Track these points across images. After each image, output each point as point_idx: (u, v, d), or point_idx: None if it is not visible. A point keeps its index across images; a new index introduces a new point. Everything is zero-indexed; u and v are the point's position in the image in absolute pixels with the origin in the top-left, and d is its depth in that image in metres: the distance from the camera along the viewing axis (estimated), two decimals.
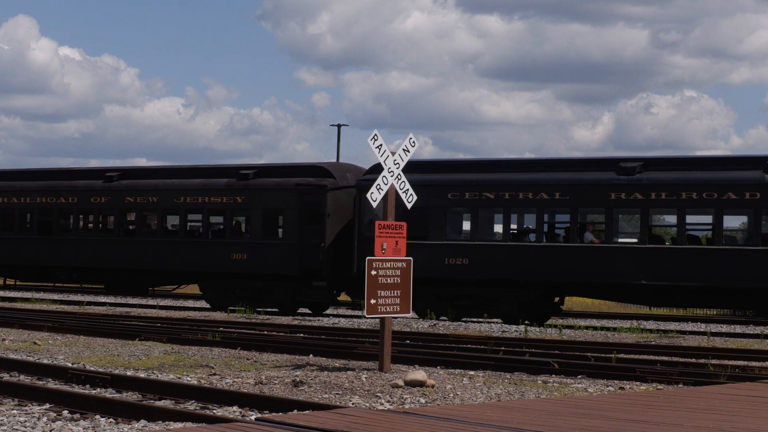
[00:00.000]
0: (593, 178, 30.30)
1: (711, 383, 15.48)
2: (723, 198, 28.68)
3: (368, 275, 16.87)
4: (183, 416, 11.87)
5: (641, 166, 29.86)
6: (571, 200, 30.45)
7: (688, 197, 29.08)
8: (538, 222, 31.03)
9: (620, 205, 30.02)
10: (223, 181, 35.84)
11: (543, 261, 30.43)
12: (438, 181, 31.92)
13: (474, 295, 31.47)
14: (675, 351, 22.01)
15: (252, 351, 20.72)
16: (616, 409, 10.34)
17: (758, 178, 28.42)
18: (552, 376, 17.55)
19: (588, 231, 30.62)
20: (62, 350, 20.57)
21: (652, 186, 29.49)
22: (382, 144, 17.38)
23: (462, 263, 31.25)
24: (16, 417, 12.22)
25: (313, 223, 33.65)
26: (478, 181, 31.59)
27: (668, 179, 29.39)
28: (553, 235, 31.63)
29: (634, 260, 29.49)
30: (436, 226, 31.91)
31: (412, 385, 15.22)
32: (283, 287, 34.39)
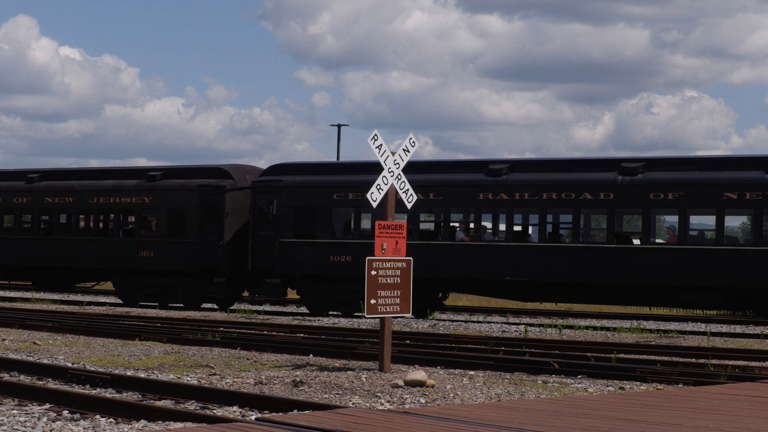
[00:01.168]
0: (464, 179, 31.88)
1: (711, 383, 15.48)
2: (580, 198, 30.36)
3: (368, 275, 16.87)
4: (183, 416, 11.87)
5: (508, 168, 31.56)
6: (444, 200, 31.99)
7: (548, 197, 30.67)
8: (414, 220, 32.46)
9: (488, 205, 31.53)
10: (133, 182, 37.67)
11: (418, 258, 31.09)
12: (324, 183, 33.68)
13: (357, 291, 31.68)
14: (675, 351, 22.01)
15: (252, 351, 20.72)
16: (616, 409, 10.35)
17: (611, 179, 30.12)
18: (552, 376, 17.55)
19: (459, 229, 32.03)
20: (62, 350, 20.57)
21: (517, 186, 31.09)
22: (382, 144, 17.39)
23: (345, 261, 32.75)
24: (16, 417, 12.22)
25: (213, 222, 35.37)
26: (361, 182, 31.97)
27: (532, 180, 31.01)
28: (427, 233, 32.93)
29: (499, 258, 31.01)
30: (322, 225, 33.61)
31: (412, 385, 15.22)
32: (186, 283, 36.11)
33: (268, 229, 34.24)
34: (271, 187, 34.46)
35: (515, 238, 31.62)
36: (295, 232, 33.92)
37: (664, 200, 29.69)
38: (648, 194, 29.85)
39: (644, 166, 30.27)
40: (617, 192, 30.07)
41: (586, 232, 31.20)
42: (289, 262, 33.86)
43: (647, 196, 29.84)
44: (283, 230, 33.97)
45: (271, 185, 34.47)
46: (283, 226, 34.01)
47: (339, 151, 76.63)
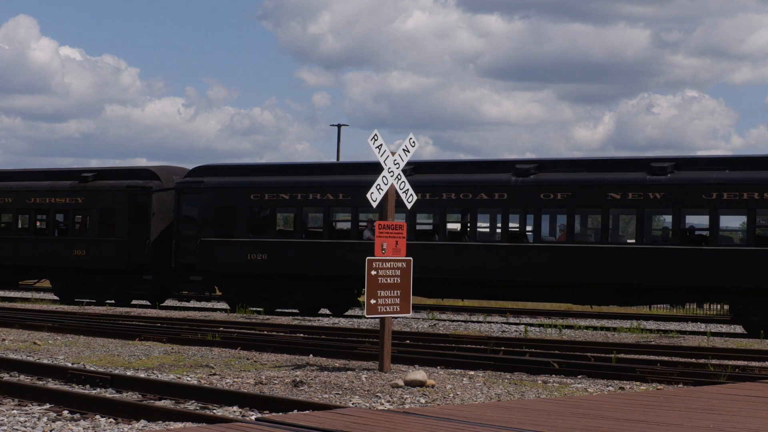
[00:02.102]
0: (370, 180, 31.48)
1: (711, 383, 15.48)
2: (476, 198, 31.77)
3: (368, 275, 16.87)
4: (183, 416, 11.87)
5: (411, 170, 32.03)
6: (352, 200, 33.02)
7: (448, 197, 31.92)
8: (325, 221, 34.03)
9: None
10: (67, 183, 38.89)
11: (328, 256, 33.23)
12: (242, 184, 35.08)
13: (274, 288, 34.39)
14: (675, 351, 22.01)
15: (252, 351, 20.71)
16: (616, 409, 10.35)
17: (506, 180, 31.41)
18: (552, 376, 17.55)
19: (367, 228, 32.94)
20: (62, 350, 20.57)
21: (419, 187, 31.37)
22: (382, 144, 17.39)
23: (261, 259, 34.13)
24: (16, 417, 12.22)
25: (140, 221, 36.91)
26: (276, 183, 34.52)
27: (432, 181, 32.18)
28: (338, 232, 34.22)
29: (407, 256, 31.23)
30: (240, 225, 34.93)
31: (412, 385, 15.22)
32: (116, 280, 37.57)
33: (191, 228, 35.62)
34: (194, 188, 35.77)
35: (420, 237, 32.59)
36: (215, 232, 35.27)
37: (553, 200, 30.79)
38: (539, 194, 30.89)
39: (536, 167, 31.44)
40: (510, 192, 31.19)
41: (480, 230, 32.48)
42: (209, 261, 35.13)
43: (538, 196, 30.89)
44: (205, 229, 35.25)
45: (194, 186, 35.77)
46: (204, 225, 35.28)
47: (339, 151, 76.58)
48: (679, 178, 29.59)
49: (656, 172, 29.73)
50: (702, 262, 28.89)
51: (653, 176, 29.68)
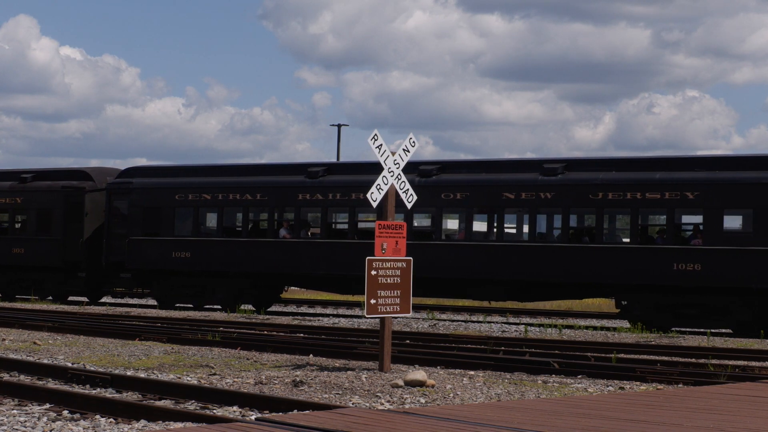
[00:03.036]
0: (286, 181, 34.70)
1: (711, 383, 15.48)
2: None
3: (368, 275, 16.86)
4: (183, 416, 11.87)
5: (324, 170, 34.40)
6: (270, 200, 34.82)
7: (356, 197, 32.89)
8: (244, 220, 35.57)
9: (307, 205, 34.46)
10: (7, 183, 40.45)
11: (247, 254, 34.78)
12: (168, 185, 36.63)
13: (198, 285, 36.07)
14: (675, 351, 22.02)
15: (252, 351, 20.71)
16: (616, 409, 10.35)
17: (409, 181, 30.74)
18: (552, 376, 17.55)
19: (283, 228, 34.59)
20: (62, 350, 20.57)
21: (330, 188, 33.87)
22: (382, 144, 17.39)
23: (185, 257, 35.71)
24: (16, 417, 12.22)
25: (74, 221, 38.41)
26: (199, 184, 36.11)
27: (343, 181, 33.68)
28: (257, 231, 35.56)
29: (314, 253, 33.83)
30: (166, 224, 36.47)
31: (412, 385, 15.22)
32: (52, 278, 39.12)
33: (121, 227, 37.13)
34: (124, 188, 37.26)
35: (332, 236, 34.11)
36: (143, 231, 36.71)
37: (453, 200, 32.21)
38: (440, 194, 32.13)
39: (439, 168, 32.75)
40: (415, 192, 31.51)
41: None
42: (138, 258, 36.55)
43: (439, 196, 32.12)
44: (133, 229, 36.73)
45: (124, 187, 37.26)
46: (133, 224, 36.77)
47: (339, 151, 76.66)
48: (568, 178, 30.88)
49: (548, 173, 31.04)
50: (589, 259, 30.20)
51: (545, 177, 31.01)
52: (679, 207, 29.64)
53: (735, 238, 29.02)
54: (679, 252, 29.13)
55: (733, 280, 28.51)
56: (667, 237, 29.73)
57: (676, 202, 29.48)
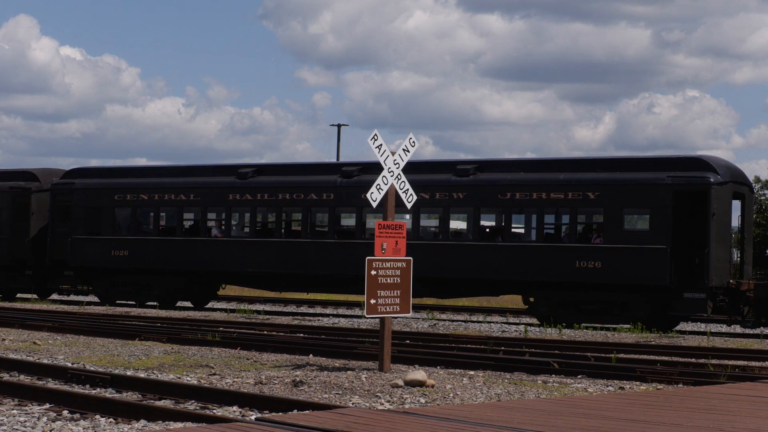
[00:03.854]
0: (218, 181, 36.09)
1: (711, 383, 15.47)
2: (308, 198, 34.47)
3: (368, 275, 16.86)
4: (183, 416, 11.86)
5: (254, 171, 35.64)
6: (202, 201, 36.18)
7: (283, 197, 34.69)
8: (178, 219, 36.82)
9: (236, 204, 35.73)
10: None
11: (182, 253, 36.19)
12: (108, 185, 38.04)
13: (136, 282, 37.37)
14: (675, 351, 22.01)
15: (252, 351, 20.71)
16: (616, 409, 10.35)
17: (333, 181, 34.17)
18: (552, 376, 17.54)
19: (215, 227, 36.16)
20: (62, 350, 20.56)
21: (259, 188, 35.22)
22: (382, 144, 17.38)
23: (123, 255, 37.09)
24: (16, 417, 12.22)
25: (21, 220, 39.85)
26: (136, 184, 37.49)
27: (271, 182, 35.11)
28: (190, 230, 36.85)
29: (243, 252, 35.07)
30: (105, 223, 37.83)
31: (412, 385, 15.22)
32: (0, 276, 40.43)
33: (64, 226, 38.24)
34: (67, 189, 38.53)
35: (260, 235, 35.48)
36: (85, 230, 37.97)
37: None
38: (360, 194, 32.19)
39: (360, 169, 33.93)
40: (337, 192, 33.92)
41: (312, 228, 34.99)
42: (80, 257, 37.83)
43: (360, 196, 32.56)
44: (76, 228, 37.98)
45: (67, 187, 38.54)
46: (75, 224, 38.03)
47: (339, 151, 76.64)
48: (479, 179, 32.12)
49: (460, 174, 32.25)
50: (498, 257, 31.46)
51: (457, 177, 32.25)
52: (582, 206, 30.82)
53: (633, 236, 30.07)
54: (581, 250, 30.33)
55: (632, 278, 29.64)
56: (570, 236, 30.92)
57: (578, 202, 30.68)
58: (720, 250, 29.80)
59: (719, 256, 29.73)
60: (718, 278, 29.44)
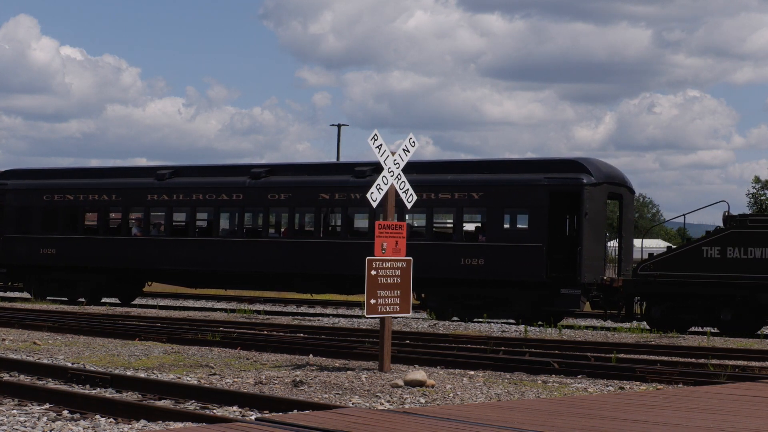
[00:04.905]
0: (137, 182, 38.06)
1: (711, 383, 15.48)
2: (219, 199, 36.15)
3: (368, 275, 16.86)
4: (183, 416, 11.87)
5: (171, 173, 37.43)
6: (123, 201, 38.10)
7: (197, 198, 36.51)
8: (101, 218, 38.57)
9: (155, 204, 37.56)
10: None
11: (105, 251, 37.95)
12: (37, 186, 39.64)
13: (63, 279, 38.81)
14: (675, 351, 22.02)
15: (252, 351, 20.71)
16: (616, 409, 10.35)
17: (242, 183, 35.96)
18: (552, 376, 17.55)
19: (134, 226, 37.85)
20: (62, 350, 20.57)
21: (174, 189, 37.05)
22: (382, 144, 17.38)
23: (51, 253, 38.70)
24: (16, 417, 12.22)
25: None
26: (63, 185, 39.12)
27: (186, 183, 36.82)
28: (113, 229, 38.57)
29: (161, 250, 36.87)
30: (35, 223, 39.38)
31: (412, 385, 15.22)
32: None
33: None
34: (0, 190, 40.30)
35: (175, 234, 37.15)
36: (16, 229, 39.70)
37: (278, 200, 35.34)
38: (267, 195, 35.30)
39: (268, 171, 35.81)
40: (246, 193, 35.66)
41: (222, 227, 36.78)
42: (12, 255, 39.54)
43: (266, 196, 35.33)
44: (8, 227, 39.70)
45: (0, 188, 40.31)
46: (8, 223, 39.73)
47: (339, 151, 76.75)
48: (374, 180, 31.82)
49: (358, 175, 33.92)
50: None
51: (356, 179, 33.86)
52: (467, 206, 32.48)
53: (513, 235, 31.86)
54: (466, 248, 32.12)
55: (512, 274, 31.26)
56: (456, 234, 32.68)
57: (464, 202, 32.37)
58: (594, 248, 31.25)
59: (592, 254, 31.18)
60: (591, 275, 30.87)
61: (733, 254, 28.51)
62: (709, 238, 29.10)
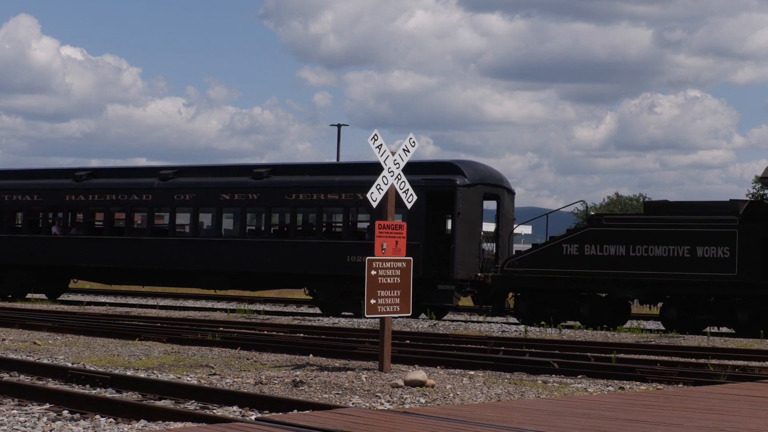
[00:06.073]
0: (57, 183, 39.65)
1: (711, 383, 15.48)
2: (131, 199, 38.02)
3: (368, 275, 16.86)
4: (183, 416, 11.87)
5: (88, 174, 39.24)
6: (44, 201, 39.88)
7: (111, 198, 38.29)
8: (25, 218, 40.42)
9: (73, 205, 39.21)
10: None
11: (27, 250, 39.60)
12: None
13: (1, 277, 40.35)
14: (675, 351, 22.02)
15: (252, 351, 20.71)
16: (616, 409, 10.35)
17: (150, 184, 37.77)
18: (552, 376, 17.55)
19: (55, 225, 39.58)
20: (62, 350, 20.57)
21: (93, 190, 38.79)
22: (382, 144, 17.38)
23: None
24: (16, 417, 12.22)
25: None
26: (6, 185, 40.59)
27: (103, 184, 38.71)
28: (36, 228, 40.31)
29: (78, 248, 38.41)
30: None
31: (412, 385, 15.22)
32: None
33: None
34: None
35: (92, 233, 38.89)
36: None
37: (183, 200, 36.88)
38: (173, 195, 37.09)
39: (175, 172, 37.65)
40: (155, 194, 37.48)
41: (134, 226, 38.57)
42: None
43: (173, 197, 37.09)
44: None
45: None
46: None
47: (339, 151, 76.76)
48: (270, 181, 35.53)
49: (256, 177, 35.67)
50: (286, 253, 34.78)
51: (253, 180, 35.66)
52: (353, 206, 34.05)
53: None
54: (351, 246, 33.69)
55: None
56: (343, 232, 34.42)
57: (350, 202, 33.92)
58: (467, 246, 32.92)
59: (466, 252, 32.86)
60: (464, 272, 32.55)
61: (590, 251, 29.86)
62: (569, 236, 30.73)
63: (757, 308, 28.18)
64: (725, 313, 28.78)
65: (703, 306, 29.02)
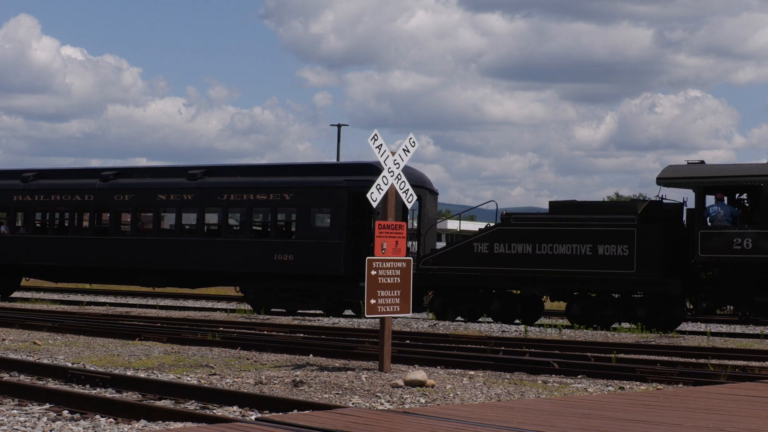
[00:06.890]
0: (5, 184, 40.78)
1: (711, 383, 15.48)
2: (74, 199, 38.93)
3: (368, 275, 16.86)
4: (183, 416, 11.87)
5: (35, 175, 40.50)
6: None
7: (55, 198, 39.41)
8: None
9: (19, 205, 40.44)
10: None
11: None
12: None
13: None
14: (675, 351, 22.02)
15: (252, 351, 20.71)
16: (616, 409, 10.36)
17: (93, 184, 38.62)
18: (552, 376, 17.55)
19: (3, 225, 40.97)
20: (62, 350, 20.57)
21: (37, 191, 39.97)
22: (382, 144, 17.37)
23: None
24: (16, 417, 12.22)
25: None
26: None
27: (49, 185, 39.75)
28: None
29: (24, 247, 39.79)
30: None
31: (412, 385, 15.22)
32: None
33: None
34: None
35: (37, 232, 40.28)
36: None
37: (123, 201, 38.07)
38: (114, 196, 38.27)
39: (116, 174, 38.89)
40: (96, 194, 38.58)
41: (78, 226, 39.56)
42: None
43: (113, 197, 38.24)
44: None
45: None
46: None
47: (339, 151, 76.81)
48: (204, 182, 36.71)
49: (191, 178, 36.83)
50: (218, 251, 35.94)
51: (188, 181, 36.81)
52: (280, 206, 35.42)
53: (318, 233, 34.56)
54: (278, 245, 34.90)
55: (316, 269, 34.11)
56: (271, 232, 35.45)
57: (277, 202, 35.28)
58: None
59: None
60: None
61: (499, 249, 30.81)
62: (480, 234, 31.63)
63: (655, 305, 29.18)
64: (626, 309, 29.76)
65: (607, 302, 30.04)
